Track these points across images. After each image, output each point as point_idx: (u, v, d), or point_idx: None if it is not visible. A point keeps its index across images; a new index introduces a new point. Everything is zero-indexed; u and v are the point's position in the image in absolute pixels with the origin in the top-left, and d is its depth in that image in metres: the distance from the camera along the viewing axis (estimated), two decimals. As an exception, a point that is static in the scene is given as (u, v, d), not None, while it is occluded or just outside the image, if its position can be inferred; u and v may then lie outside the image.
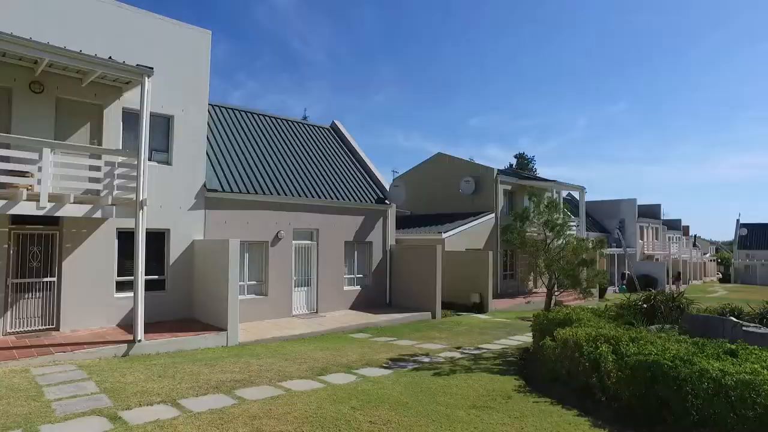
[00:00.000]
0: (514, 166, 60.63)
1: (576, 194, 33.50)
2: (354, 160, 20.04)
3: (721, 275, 73.12)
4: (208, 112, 15.37)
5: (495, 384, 8.15)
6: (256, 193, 14.69)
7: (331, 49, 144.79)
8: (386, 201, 18.53)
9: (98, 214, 10.30)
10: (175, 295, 12.87)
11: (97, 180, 10.46)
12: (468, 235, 23.22)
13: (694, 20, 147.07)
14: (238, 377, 8.30)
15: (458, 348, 11.56)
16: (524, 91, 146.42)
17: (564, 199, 36.90)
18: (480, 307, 19.13)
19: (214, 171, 14.35)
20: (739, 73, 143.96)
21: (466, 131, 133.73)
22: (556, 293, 13.19)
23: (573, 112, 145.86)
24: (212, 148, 15.18)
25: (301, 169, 17.18)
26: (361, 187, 18.53)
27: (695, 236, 69.14)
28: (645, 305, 11.85)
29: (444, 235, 21.77)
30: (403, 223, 23.89)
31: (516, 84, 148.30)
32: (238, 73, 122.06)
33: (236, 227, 14.12)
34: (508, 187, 26.63)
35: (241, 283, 14.06)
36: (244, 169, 15.32)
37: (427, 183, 28.15)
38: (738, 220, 69.64)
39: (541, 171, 79.59)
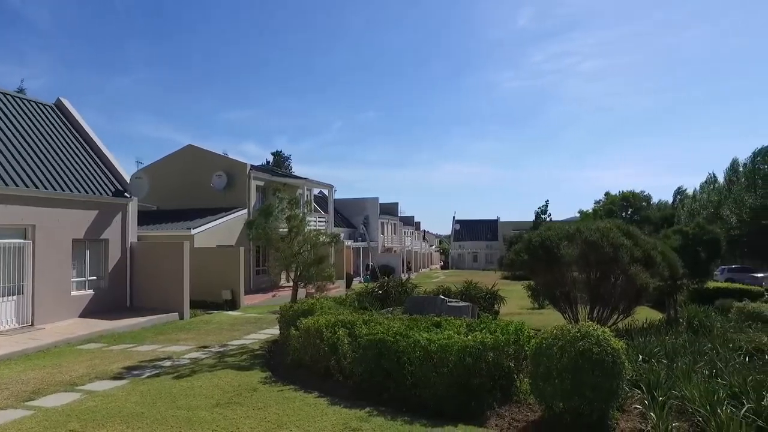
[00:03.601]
0: (270, 163, 61.21)
1: (326, 192, 35.72)
2: (86, 146, 17.39)
3: (442, 263, 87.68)
4: None
5: (241, 379, 8.17)
6: (-62, 179, 11.49)
7: (60, 11, 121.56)
8: (126, 194, 16.63)
9: None
10: None
11: None
12: (220, 231, 22.59)
13: (429, 47, 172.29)
14: None
15: (206, 347, 11.18)
16: (284, 90, 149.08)
17: (317, 196, 38.99)
18: (232, 304, 18.83)
19: None
20: (454, 94, 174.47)
21: (223, 125, 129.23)
22: (302, 286, 13.92)
23: (329, 116, 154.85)
24: None
25: (10, 152, 14.09)
26: (94, 177, 16.19)
27: (425, 231, 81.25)
28: (380, 291, 13.50)
29: (193, 231, 20.70)
30: (148, 218, 21.82)
31: (276, 82, 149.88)
32: None
33: None
34: (262, 183, 26.84)
35: None
36: None
37: (177, 176, 26.28)
38: (454, 217, 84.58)
39: (298, 169, 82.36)
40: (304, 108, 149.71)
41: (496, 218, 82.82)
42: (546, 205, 70.66)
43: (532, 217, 70.16)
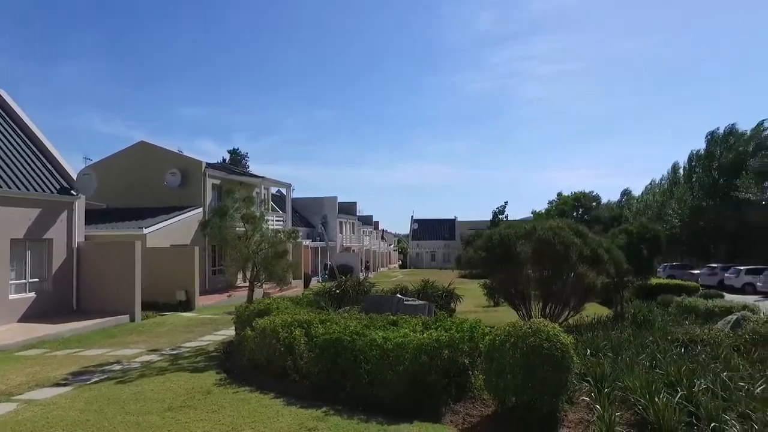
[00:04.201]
0: (227, 161, 59.82)
1: (284, 191, 35.31)
2: (27, 140, 16.53)
3: (401, 262, 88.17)
4: None
5: (195, 381, 7.99)
6: None
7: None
8: (72, 191, 15.92)
9: None
10: None
11: None
12: (174, 231, 21.96)
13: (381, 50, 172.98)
14: None
15: (158, 350, 10.87)
16: (244, 87, 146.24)
17: (274, 195, 38.48)
18: (187, 305, 18.38)
19: None
20: (416, 94, 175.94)
21: (179, 122, 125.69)
22: (259, 286, 13.73)
23: (288, 114, 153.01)
24: None
25: (-58, 146, 13.24)
26: (36, 173, 15.41)
27: (383, 230, 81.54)
28: (337, 291, 13.47)
29: (146, 231, 20.03)
30: (97, 217, 21.01)
31: (235, 79, 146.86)
32: None
33: None
34: (217, 182, 26.27)
35: None
36: None
37: (129, 173, 25.35)
38: (412, 217, 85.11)
39: (256, 168, 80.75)
40: (263, 105, 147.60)
41: (453, 218, 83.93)
42: (504, 206, 72.45)
43: (488, 217, 71.64)
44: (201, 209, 24.37)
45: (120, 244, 16.51)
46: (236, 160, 59.97)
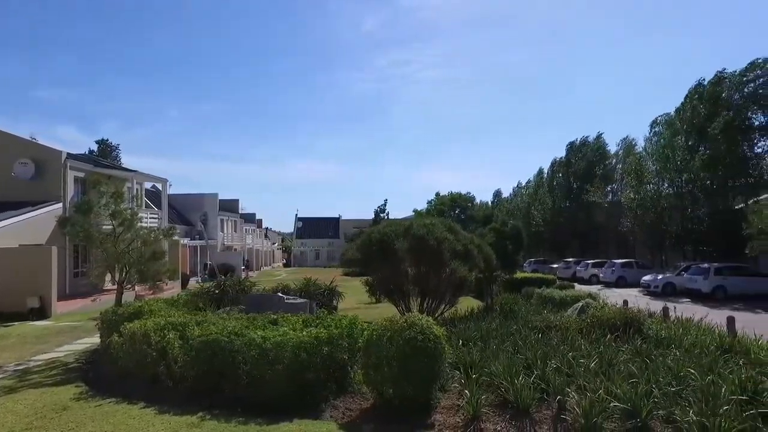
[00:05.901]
0: (95, 152, 54.17)
1: (160, 186, 33.01)
2: None
3: (285, 261, 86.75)
4: None
5: (47, 398, 7.18)
6: None
7: None
8: None
9: None
10: None
11: None
12: (24, 229, 19.46)
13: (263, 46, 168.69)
14: None
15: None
16: (116, 71, 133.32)
17: (149, 191, 35.75)
18: (40, 313, 16.43)
19: None
20: (301, 91, 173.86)
21: (33, 105, 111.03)
22: (130, 288, 12.72)
23: (165, 103, 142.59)
24: None
25: None
26: None
27: (267, 229, 79.59)
28: (217, 291, 12.96)
29: (-13, 229, 17.53)
30: None
31: (102, 58, 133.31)
32: None
33: None
34: (81, 174, 23.77)
35: None
36: None
37: (-35, 162, 21.92)
38: (296, 215, 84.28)
39: (130, 161, 74.54)
40: (138, 92, 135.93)
41: (337, 216, 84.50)
42: (385, 204, 74.43)
43: (372, 216, 73.15)
44: (60, 205, 21.89)
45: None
46: (105, 152, 54.56)
